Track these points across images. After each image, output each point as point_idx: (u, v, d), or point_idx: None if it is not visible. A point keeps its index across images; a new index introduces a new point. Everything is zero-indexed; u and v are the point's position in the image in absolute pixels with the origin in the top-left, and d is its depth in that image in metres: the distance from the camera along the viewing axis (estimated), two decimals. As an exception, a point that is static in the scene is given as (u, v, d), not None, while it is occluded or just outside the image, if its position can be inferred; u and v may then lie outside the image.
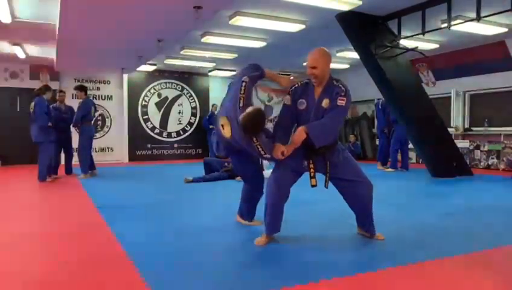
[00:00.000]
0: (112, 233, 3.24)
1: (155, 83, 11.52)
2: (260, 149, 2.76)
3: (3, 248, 2.98)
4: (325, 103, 2.77)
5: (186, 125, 11.93)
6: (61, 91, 7.78)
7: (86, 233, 3.37)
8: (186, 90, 11.92)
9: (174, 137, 11.82)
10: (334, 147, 2.89)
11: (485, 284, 2.22)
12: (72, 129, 7.53)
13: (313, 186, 2.84)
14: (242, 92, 2.83)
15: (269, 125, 12.04)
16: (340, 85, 2.80)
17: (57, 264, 2.60)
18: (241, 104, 2.80)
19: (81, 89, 7.36)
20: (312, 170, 2.83)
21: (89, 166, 7.24)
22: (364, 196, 2.93)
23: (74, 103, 8.02)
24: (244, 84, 2.85)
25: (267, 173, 3.56)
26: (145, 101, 11.43)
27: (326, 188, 2.92)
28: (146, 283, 2.18)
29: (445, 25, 5.97)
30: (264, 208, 2.92)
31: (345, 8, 5.88)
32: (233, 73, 11.50)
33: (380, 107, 8.61)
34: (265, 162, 4.40)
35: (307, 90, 2.87)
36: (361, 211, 3.00)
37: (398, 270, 2.39)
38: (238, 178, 6.11)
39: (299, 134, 2.70)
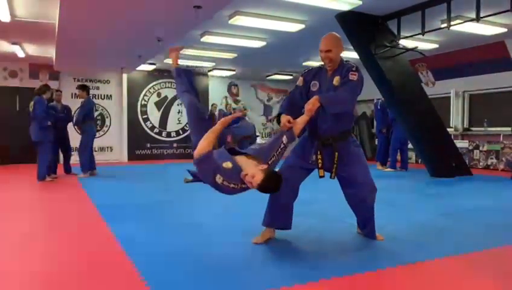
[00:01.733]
0: (111, 233, 3.24)
1: (154, 83, 11.51)
2: (280, 152, 2.68)
3: (3, 248, 2.98)
4: (336, 80, 2.79)
5: (185, 125, 11.90)
6: (57, 90, 7.76)
7: (86, 233, 3.37)
8: (186, 89, 11.89)
9: (174, 136, 11.81)
10: (346, 137, 2.86)
11: (485, 284, 2.23)
12: (70, 128, 7.52)
13: (320, 177, 2.84)
14: (224, 182, 2.46)
15: (269, 125, 12.00)
16: (351, 62, 2.84)
17: (57, 264, 2.60)
18: (237, 188, 2.51)
19: (83, 88, 7.37)
20: (320, 161, 2.82)
21: (89, 165, 7.25)
22: (366, 198, 2.91)
23: (74, 103, 8.01)
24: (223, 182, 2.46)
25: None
26: (145, 100, 11.42)
27: (332, 179, 2.90)
28: (146, 283, 2.18)
29: (445, 25, 5.98)
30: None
31: (345, 8, 5.88)
32: (233, 73, 11.48)
33: (379, 107, 8.61)
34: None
35: (320, 73, 2.91)
36: (362, 213, 3.00)
37: (398, 270, 2.40)
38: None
39: (313, 102, 2.62)
